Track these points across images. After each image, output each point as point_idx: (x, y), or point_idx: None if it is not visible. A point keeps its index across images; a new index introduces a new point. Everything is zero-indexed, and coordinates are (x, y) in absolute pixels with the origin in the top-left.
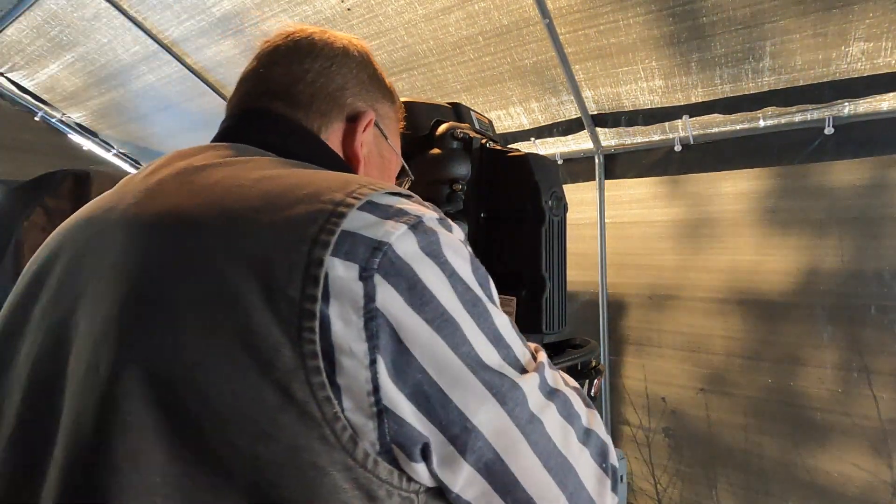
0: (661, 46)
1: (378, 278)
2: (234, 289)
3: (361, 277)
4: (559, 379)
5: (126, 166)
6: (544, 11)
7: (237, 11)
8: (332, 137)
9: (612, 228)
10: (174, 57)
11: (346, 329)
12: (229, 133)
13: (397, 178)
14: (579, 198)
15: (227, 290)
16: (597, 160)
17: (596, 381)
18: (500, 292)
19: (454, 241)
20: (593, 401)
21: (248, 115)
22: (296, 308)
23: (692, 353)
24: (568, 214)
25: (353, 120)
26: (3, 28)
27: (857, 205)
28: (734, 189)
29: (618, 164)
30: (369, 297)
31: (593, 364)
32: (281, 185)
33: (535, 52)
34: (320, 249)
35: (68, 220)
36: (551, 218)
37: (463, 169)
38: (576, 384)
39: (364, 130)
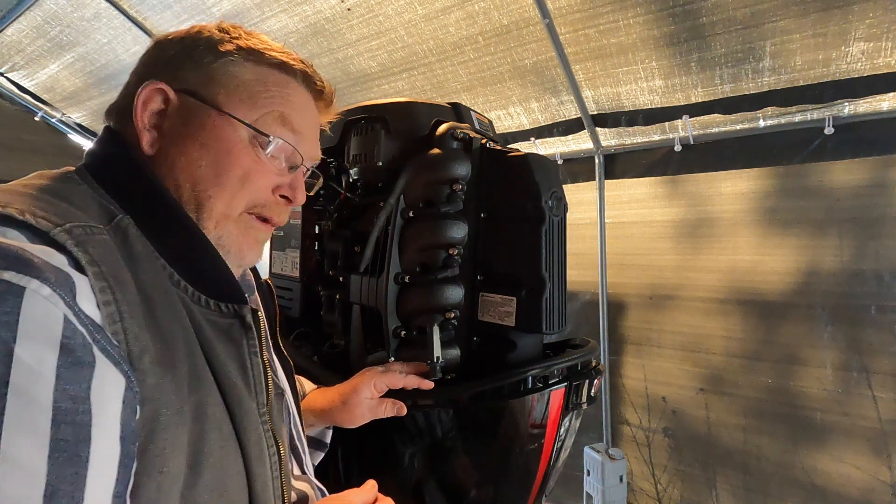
0: (661, 46)
1: None
2: None
3: None
4: None
5: None
6: (544, 11)
7: (237, 11)
8: (130, 130)
9: (612, 228)
10: None
11: None
12: None
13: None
14: (579, 198)
15: None
16: (597, 160)
17: (596, 381)
18: (499, 292)
19: None
20: (593, 401)
21: None
22: None
23: (692, 353)
24: (568, 214)
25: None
26: (3, 28)
27: (856, 205)
28: (734, 189)
29: (618, 164)
30: None
31: (593, 364)
32: None
33: (535, 52)
34: None
35: None
36: (551, 218)
37: (463, 169)
38: None
39: (142, 105)
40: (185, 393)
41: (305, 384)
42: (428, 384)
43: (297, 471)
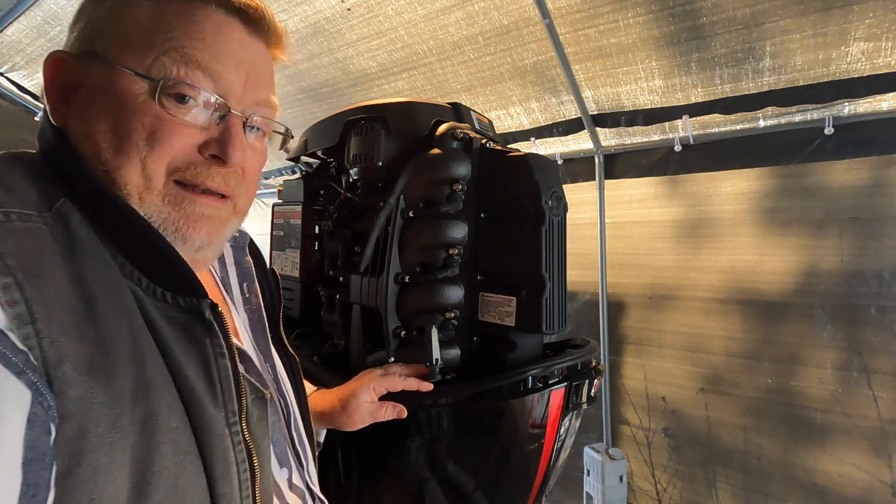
0: (661, 46)
1: None
2: None
3: None
4: None
5: None
6: (544, 11)
7: None
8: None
9: (612, 228)
10: None
11: None
12: None
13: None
14: (579, 198)
15: None
16: (597, 160)
17: (596, 381)
18: (499, 292)
19: None
20: (593, 401)
21: None
22: None
23: (692, 353)
24: (568, 214)
25: None
26: (3, 28)
27: (856, 205)
28: (734, 189)
29: (618, 164)
30: None
31: (593, 364)
32: None
33: (535, 52)
34: None
35: None
36: (551, 218)
37: (463, 169)
38: None
39: (49, 78)
40: (126, 403)
41: (306, 387)
42: (427, 386)
43: (296, 479)
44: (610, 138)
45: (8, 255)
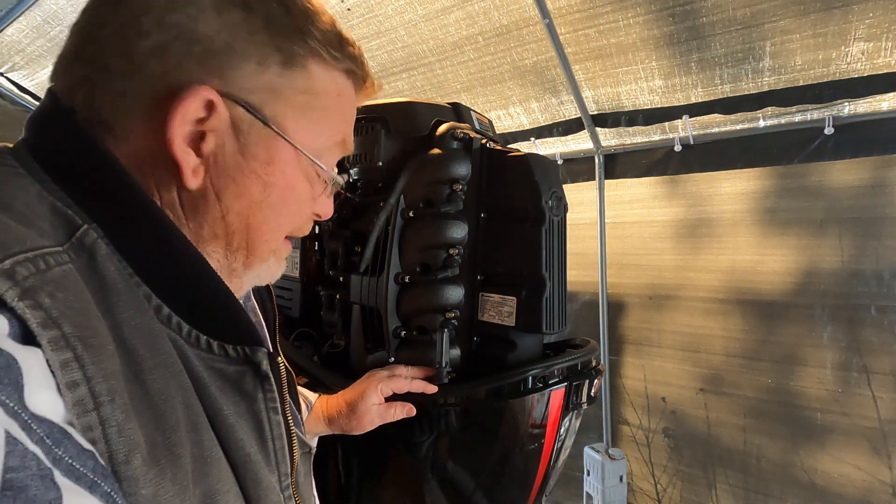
0: (661, 46)
1: None
2: None
3: None
4: None
5: None
6: (544, 11)
7: None
8: (138, 131)
9: (612, 228)
10: None
11: None
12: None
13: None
14: (579, 198)
15: None
16: (597, 160)
17: (596, 381)
18: (500, 292)
19: None
20: (593, 401)
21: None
22: None
23: (692, 353)
24: (568, 214)
25: (169, 102)
26: (3, 28)
27: (856, 205)
28: (734, 189)
29: (618, 164)
30: None
31: (593, 364)
32: None
33: (535, 52)
34: None
35: None
36: (551, 218)
37: (463, 169)
38: None
39: (182, 119)
40: (189, 487)
41: (309, 395)
42: (433, 388)
43: None
44: (610, 138)
45: (62, 318)
